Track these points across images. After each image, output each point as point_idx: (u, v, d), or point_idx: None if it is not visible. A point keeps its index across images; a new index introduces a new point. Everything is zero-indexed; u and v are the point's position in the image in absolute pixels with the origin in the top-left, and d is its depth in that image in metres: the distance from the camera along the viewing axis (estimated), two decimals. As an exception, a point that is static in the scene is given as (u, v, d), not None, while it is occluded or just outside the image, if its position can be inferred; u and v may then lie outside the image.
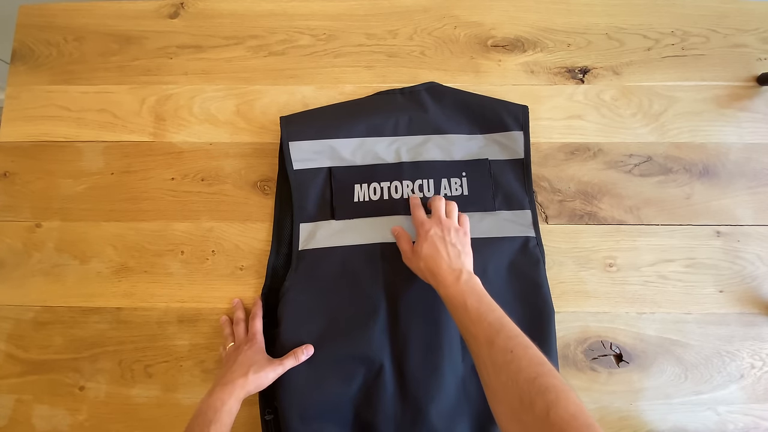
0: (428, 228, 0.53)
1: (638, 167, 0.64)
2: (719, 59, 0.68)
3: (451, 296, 0.47)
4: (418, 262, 0.52)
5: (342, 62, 0.69)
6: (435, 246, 0.51)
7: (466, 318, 0.45)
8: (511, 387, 0.38)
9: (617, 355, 0.59)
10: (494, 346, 0.41)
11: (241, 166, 0.65)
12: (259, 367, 0.51)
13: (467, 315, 0.45)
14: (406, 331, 0.55)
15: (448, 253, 0.51)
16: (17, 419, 0.58)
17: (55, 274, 0.62)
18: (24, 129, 0.67)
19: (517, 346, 0.40)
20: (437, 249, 0.51)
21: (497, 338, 0.42)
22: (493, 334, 0.42)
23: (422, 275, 0.52)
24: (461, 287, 0.47)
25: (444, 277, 0.49)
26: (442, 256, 0.50)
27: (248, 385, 0.49)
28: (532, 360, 0.39)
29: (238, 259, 0.62)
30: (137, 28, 0.70)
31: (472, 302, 0.46)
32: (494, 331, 0.42)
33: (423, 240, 0.52)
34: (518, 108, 0.64)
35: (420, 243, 0.52)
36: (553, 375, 0.37)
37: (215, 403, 0.46)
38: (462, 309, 0.46)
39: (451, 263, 0.50)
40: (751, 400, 0.58)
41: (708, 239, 0.62)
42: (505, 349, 0.40)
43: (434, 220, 0.54)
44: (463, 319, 0.46)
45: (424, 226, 0.53)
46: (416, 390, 0.54)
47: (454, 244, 0.52)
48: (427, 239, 0.52)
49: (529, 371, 0.38)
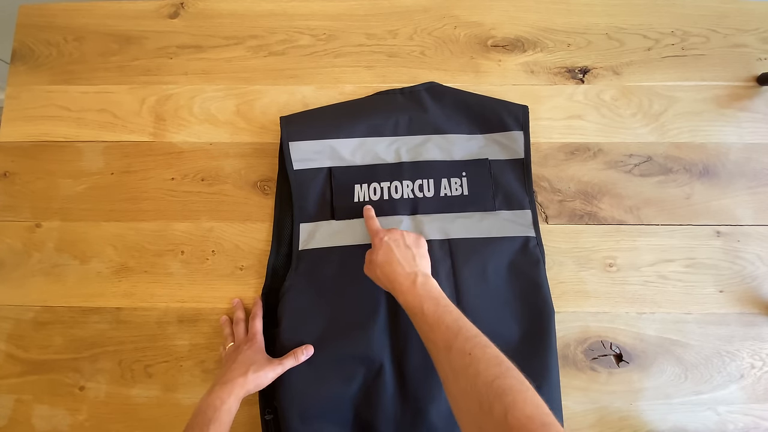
0: (382, 236, 0.53)
1: (638, 167, 0.64)
2: (719, 59, 0.68)
3: (409, 303, 0.47)
4: (375, 270, 0.52)
5: (342, 62, 0.69)
6: (390, 251, 0.51)
7: (425, 324, 0.44)
8: (470, 392, 0.37)
9: (617, 355, 0.59)
10: (452, 351, 0.41)
11: (241, 166, 0.65)
12: (259, 366, 0.51)
13: (425, 320, 0.44)
14: (406, 331, 0.55)
15: (404, 256, 0.50)
16: (17, 419, 0.58)
17: (55, 274, 0.62)
18: (24, 129, 0.67)
19: (475, 347, 0.40)
20: (392, 253, 0.51)
21: (455, 341, 0.41)
22: (451, 338, 0.41)
23: (381, 284, 0.52)
24: (418, 291, 0.47)
25: (400, 282, 0.48)
26: (397, 260, 0.50)
27: (248, 384, 0.49)
28: (490, 362, 0.38)
29: (238, 259, 0.62)
30: (137, 28, 0.70)
31: (428, 306, 0.45)
32: (452, 335, 0.42)
33: (378, 248, 0.52)
34: (518, 108, 0.64)
35: (375, 251, 0.52)
36: (511, 375, 0.37)
37: (214, 402, 0.46)
38: (420, 315, 0.45)
39: (406, 267, 0.49)
40: (751, 400, 0.58)
41: (708, 239, 0.62)
42: (463, 352, 0.40)
43: (387, 229, 0.54)
44: (421, 326, 0.45)
45: (378, 234, 0.54)
46: (416, 390, 0.54)
47: (408, 246, 0.52)
48: (381, 246, 0.52)
49: (487, 374, 0.37)
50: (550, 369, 0.55)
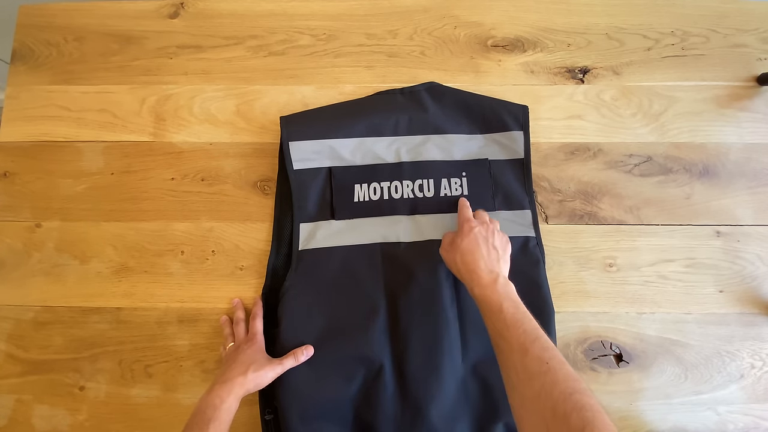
0: (473, 225, 0.52)
1: (638, 167, 0.64)
2: (719, 59, 0.68)
3: (487, 297, 0.46)
4: (454, 255, 0.51)
5: (342, 62, 0.68)
6: (476, 243, 0.50)
7: (501, 322, 0.44)
8: (544, 397, 0.38)
9: (617, 355, 0.59)
10: (529, 354, 0.41)
11: (241, 166, 0.65)
12: (259, 366, 0.51)
13: (502, 319, 0.44)
14: (406, 331, 0.55)
15: (489, 254, 0.50)
16: (17, 419, 0.58)
17: (55, 274, 0.62)
18: (24, 129, 0.67)
19: (553, 358, 0.40)
20: (478, 246, 0.50)
21: (532, 347, 0.41)
22: (528, 343, 0.41)
23: (455, 269, 0.51)
24: (498, 290, 0.46)
25: (480, 276, 0.48)
26: (482, 255, 0.49)
27: (247, 383, 0.49)
28: (568, 375, 0.39)
29: (238, 259, 0.62)
30: (137, 28, 0.70)
31: (508, 307, 0.45)
32: (530, 340, 0.42)
33: (465, 235, 0.51)
34: (518, 108, 0.64)
35: (462, 237, 0.52)
36: (590, 395, 0.37)
37: (214, 401, 0.46)
38: (497, 312, 0.45)
39: (489, 264, 0.49)
40: (751, 400, 0.58)
41: (708, 239, 0.62)
42: (541, 359, 0.40)
43: (480, 220, 0.54)
44: (496, 323, 0.45)
45: (469, 222, 0.53)
46: (416, 390, 0.54)
47: (495, 247, 0.51)
48: (469, 235, 0.51)
49: (566, 386, 0.37)
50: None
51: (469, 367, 0.55)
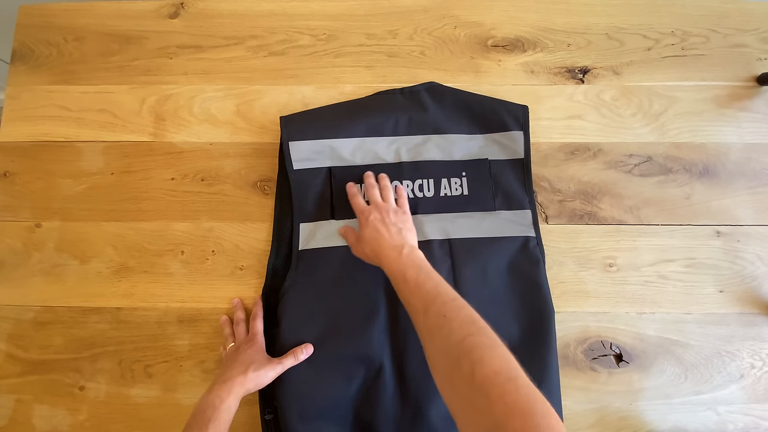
0: (368, 214, 0.54)
1: (638, 167, 0.64)
2: (719, 59, 0.68)
3: (394, 271, 0.48)
4: (363, 248, 0.53)
5: (342, 62, 0.68)
6: (376, 228, 0.53)
7: (406, 289, 0.46)
8: (443, 351, 0.39)
9: (617, 355, 0.59)
10: (429, 313, 0.42)
11: (241, 166, 0.65)
12: (259, 365, 0.51)
13: (406, 286, 0.46)
14: (405, 331, 0.55)
15: (389, 232, 0.52)
16: (17, 419, 0.58)
17: (55, 274, 0.62)
18: (24, 129, 0.67)
19: (450, 309, 0.41)
20: (378, 231, 0.52)
21: (432, 305, 0.42)
22: (429, 301, 0.43)
23: (370, 260, 0.54)
24: (402, 261, 0.49)
25: (386, 254, 0.50)
26: (384, 236, 0.52)
27: (247, 383, 0.49)
28: (463, 321, 0.39)
29: (238, 259, 0.62)
30: (137, 28, 0.70)
31: (411, 274, 0.47)
32: (430, 299, 0.43)
33: (364, 226, 0.54)
34: (518, 108, 0.64)
35: (362, 229, 0.54)
36: (482, 333, 0.38)
37: (214, 401, 0.46)
38: (402, 281, 0.47)
39: (393, 240, 0.51)
40: (751, 400, 0.58)
41: (708, 239, 0.62)
42: (439, 314, 0.41)
43: (372, 206, 0.56)
44: (403, 292, 0.47)
45: (363, 213, 0.55)
46: (416, 390, 0.54)
47: (394, 223, 0.53)
48: (368, 224, 0.53)
49: (460, 332, 0.38)
50: (550, 369, 0.55)
51: (469, 367, 0.55)
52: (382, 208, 0.55)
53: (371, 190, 0.57)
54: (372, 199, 0.57)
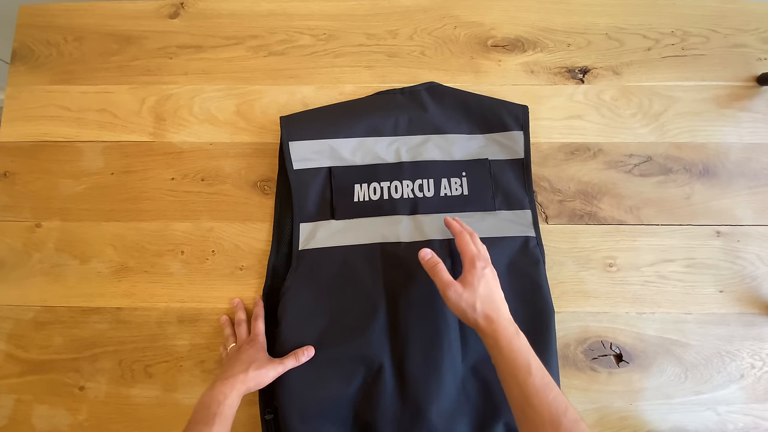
0: (484, 265, 0.48)
1: (638, 167, 0.64)
2: (719, 59, 0.68)
3: (515, 354, 0.43)
4: (474, 299, 0.46)
5: (342, 62, 0.68)
6: (493, 287, 0.47)
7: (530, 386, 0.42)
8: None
9: (617, 355, 0.59)
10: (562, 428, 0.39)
11: (241, 166, 0.65)
12: (260, 364, 0.51)
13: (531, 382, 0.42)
14: (405, 331, 0.55)
15: (502, 297, 0.47)
16: (17, 419, 0.58)
17: (55, 274, 0.62)
18: (24, 129, 0.67)
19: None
20: (493, 291, 0.47)
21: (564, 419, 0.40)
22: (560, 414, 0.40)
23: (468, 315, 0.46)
24: (522, 346, 0.44)
25: (504, 326, 0.45)
26: (500, 300, 0.47)
27: (248, 381, 0.49)
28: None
29: (238, 259, 0.62)
30: (137, 28, 0.70)
31: (537, 368, 0.43)
32: (561, 411, 0.40)
33: (479, 276, 0.47)
34: (518, 108, 0.64)
35: (477, 278, 0.47)
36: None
37: (218, 397, 0.46)
38: (525, 373, 0.42)
39: (506, 312, 0.47)
40: (751, 400, 0.58)
41: (708, 239, 0.62)
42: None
43: (483, 256, 0.50)
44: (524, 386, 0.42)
45: (480, 261, 0.48)
46: (416, 390, 0.54)
47: (501, 289, 0.48)
48: (484, 276, 0.47)
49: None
50: (550, 369, 0.54)
51: (469, 366, 0.55)
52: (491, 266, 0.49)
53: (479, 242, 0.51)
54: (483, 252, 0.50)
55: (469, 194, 0.61)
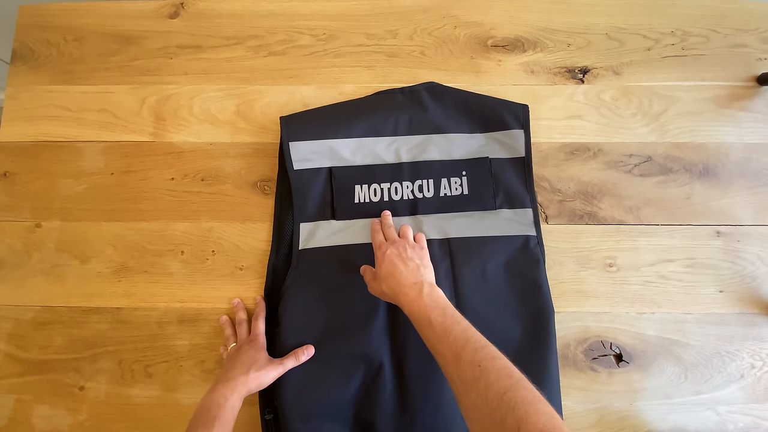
0: (384, 249, 0.52)
1: (638, 167, 0.64)
2: (719, 59, 0.68)
3: (415, 312, 0.46)
4: (380, 285, 0.51)
5: (342, 62, 0.68)
6: (393, 263, 0.50)
7: (432, 334, 0.44)
8: (481, 405, 0.37)
9: (617, 355, 0.59)
10: (461, 362, 0.40)
11: (241, 166, 0.65)
12: (261, 365, 0.51)
13: (432, 331, 0.44)
14: (405, 331, 0.55)
15: (408, 268, 0.50)
16: (17, 419, 0.58)
17: (55, 274, 0.62)
18: (24, 129, 0.67)
19: (484, 358, 0.39)
20: (395, 266, 0.50)
21: (464, 353, 0.40)
22: (459, 349, 0.41)
23: (387, 298, 0.51)
24: (424, 301, 0.46)
25: (405, 293, 0.48)
26: (401, 272, 0.49)
27: (249, 383, 0.49)
28: (500, 373, 0.38)
29: (238, 259, 0.62)
30: (137, 28, 0.70)
31: (435, 317, 0.44)
32: (460, 346, 0.41)
33: (381, 262, 0.52)
34: (518, 107, 0.64)
35: (378, 265, 0.52)
36: (522, 386, 0.36)
37: (218, 399, 0.46)
38: (426, 325, 0.45)
39: (411, 277, 0.49)
40: (751, 400, 0.58)
41: (708, 239, 0.62)
42: (473, 363, 0.39)
43: (389, 242, 0.54)
44: (429, 336, 0.44)
45: (381, 248, 0.53)
46: (416, 389, 0.54)
47: (411, 258, 0.51)
48: (384, 260, 0.51)
49: (498, 386, 0.37)
50: (550, 369, 0.55)
51: (469, 367, 0.55)
52: (399, 243, 0.53)
53: (388, 230, 0.56)
54: (388, 234, 0.55)
55: (470, 193, 0.61)
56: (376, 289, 0.52)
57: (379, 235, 0.56)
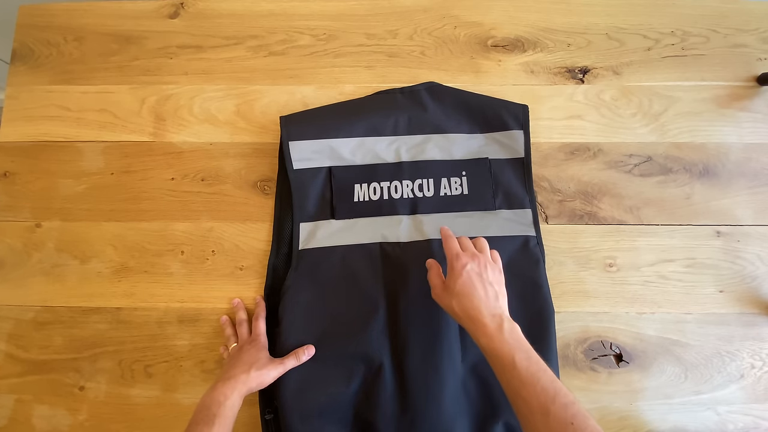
0: (464, 262, 0.48)
1: (638, 167, 0.64)
2: (719, 59, 0.68)
3: (497, 350, 0.43)
4: (450, 300, 0.47)
5: (342, 62, 0.68)
6: (472, 283, 0.46)
7: (515, 378, 0.41)
8: None
9: (617, 355, 0.59)
10: (551, 416, 0.38)
11: (241, 166, 0.65)
12: (261, 365, 0.51)
13: (516, 375, 0.41)
14: (405, 331, 0.55)
15: (486, 294, 0.46)
16: (17, 419, 0.58)
17: (55, 274, 0.62)
18: (24, 129, 0.67)
19: (576, 416, 0.38)
20: (474, 287, 0.46)
21: (553, 406, 0.39)
22: (548, 402, 0.39)
23: (455, 315, 0.47)
24: (506, 339, 0.43)
25: (484, 323, 0.44)
26: (480, 297, 0.46)
27: (250, 381, 0.49)
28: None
29: (238, 259, 0.62)
30: (137, 28, 0.70)
31: (520, 360, 0.42)
32: (549, 398, 0.39)
33: (458, 276, 0.47)
34: (518, 107, 0.64)
35: (454, 278, 0.47)
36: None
37: (219, 398, 0.46)
38: (510, 368, 0.42)
39: (490, 307, 0.45)
40: (751, 400, 0.58)
41: (708, 239, 0.62)
42: (565, 420, 0.38)
43: (468, 253, 0.49)
44: (511, 380, 0.42)
45: (459, 259, 0.48)
46: (416, 389, 0.53)
47: (492, 283, 0.47)
48: (462, 275, 0.47)
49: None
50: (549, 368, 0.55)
51: (469, 366, 0.55)
52: (480, 259, 0.48)
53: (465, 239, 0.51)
54: (466, 246, 0.50)
55: (469, 193, 0.61)
56: (444, 301, 0.48)
57: (454, 242, 0.50)
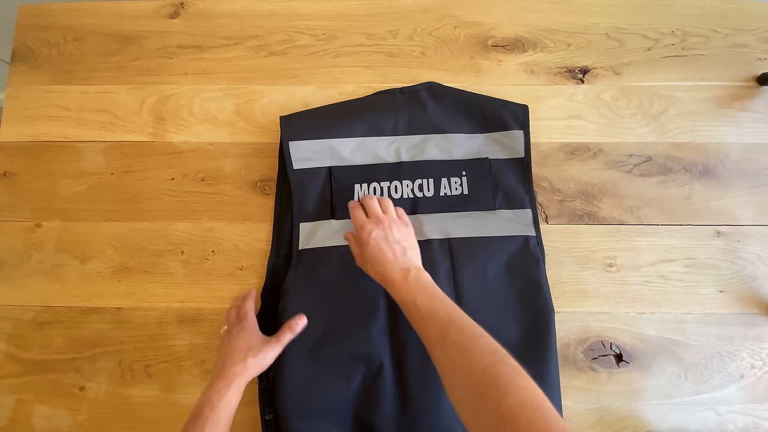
0: (369, 230, 0.51)
1: (638, 167, 0.64)
2: (719, 59, 0.68)
3: (402, 297, 0.47)
4: (367, 268, 0.51)
5: (342, 62, 0.69)
6: (380, 248, 0.50)
7: (418, 317, 0.44)
8: (465, 382, 0.38)
9: (617, 355, 0.59)
10: (446, 342, 0.41)
11: (241, 166, 0.65)
12: (257, 349, 0.50)
13: (418, 313, 0.44)
14: (405, 330, 0.55)
15: (395, 254, 0.50)
16: (17, 419, 0.58)
17: (55, 274, 0.62)
18: (24, 129, 0.67)
19: (468, 338, 0.40)
20: (382, 251, 0.50)
21: (448, 333, 0.41)
22: (443, 330, 0.42)
23: (376, 280, 0.51)
24: (410, 285, 0.47)
25: (393, 278, 0.48)
26: (389, 259, 0.49)
27: (248, 371, 0.48)
28: (483, 350, 0.38)
29: (238, 259, 0.62)
30: (137, 28, 0.70)
31: (421, 300, 0.45)
32: (444, 326, 0.42)
33: (366, 244, 0.51)
34: (518, 107, 0.64)
35: (364, 248, 0.51)
36: (504, 362, 0.37)
37: (212, 399, 0.46)
38: (413, 308, 0.45)
39: (398, 263, 0.49)
40: (751, 400, 0.58)
41: (708, 239, 0.62)
42: (457, 342, 0.40)
43: (372, 220, 0.52)
44: (415, 319, 0.45)
45: (364, 228, 0.52)
46: (416, 389, 0.54)
47: (398, 241, 0.51)
48: (369, 243, 0.50)
49: (481, 362, 0.37)
50: (550, 369, 0.55)
51: (469, 367, 0.55)
52: (384, 223, 0.52)
53: (370, 202, 0.54)
54: (371, 211, 0.53)
55: (470, 193, 0.61)
56: (366, 270, 0.52)
57: (359, 211, 0.54)
